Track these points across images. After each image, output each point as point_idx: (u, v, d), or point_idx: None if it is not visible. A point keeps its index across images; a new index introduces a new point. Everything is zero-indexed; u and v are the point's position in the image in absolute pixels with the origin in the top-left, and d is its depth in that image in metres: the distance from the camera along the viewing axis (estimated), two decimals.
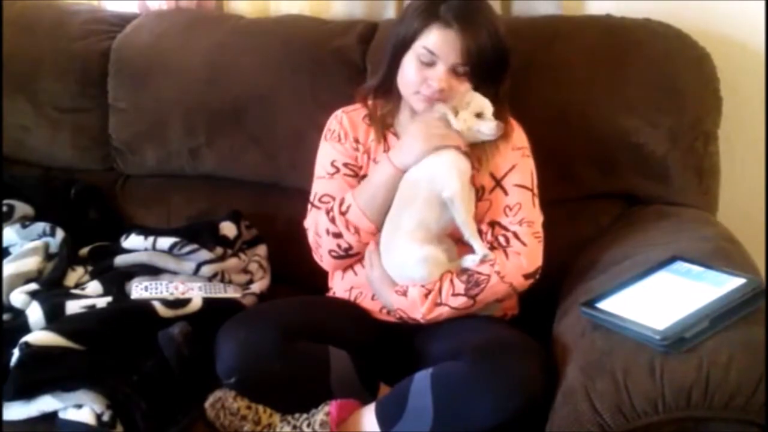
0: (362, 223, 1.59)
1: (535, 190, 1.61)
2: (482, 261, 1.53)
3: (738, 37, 1.93)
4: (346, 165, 1.69)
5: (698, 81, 1.82)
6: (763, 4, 1.88)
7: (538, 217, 1.60)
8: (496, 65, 1.57)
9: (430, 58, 1.55)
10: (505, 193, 1.60)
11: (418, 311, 1.53)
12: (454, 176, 1.53)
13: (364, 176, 1.66)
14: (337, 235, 1.61)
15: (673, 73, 1.81)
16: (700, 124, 1.81)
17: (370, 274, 1.61)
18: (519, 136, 1.64)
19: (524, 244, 1.55)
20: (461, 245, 1.58)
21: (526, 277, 1.55)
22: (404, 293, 1.55)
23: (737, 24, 1.92)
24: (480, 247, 1.55)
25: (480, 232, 1.57)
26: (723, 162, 1.85)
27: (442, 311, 1.52)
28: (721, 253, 1.49)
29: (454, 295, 1.52)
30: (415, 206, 1.55)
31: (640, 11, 1.90)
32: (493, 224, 1.59)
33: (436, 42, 1.54)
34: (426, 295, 1.52)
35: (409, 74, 1.59)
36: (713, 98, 1.83)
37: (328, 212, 1.62)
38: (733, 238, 1.62)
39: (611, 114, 1.81)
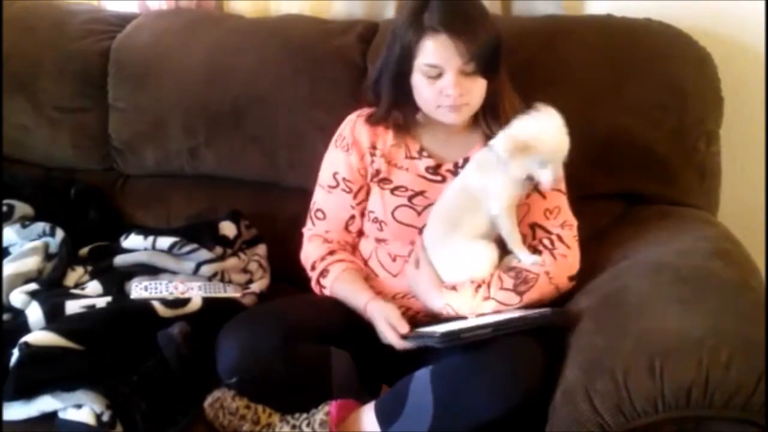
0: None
1: (566, 194, 1.63)
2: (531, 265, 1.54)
3: (738, 37, 1.92)
4: (345, 180, 1.69)
5: (699, 81, 1.81)
6: (763, 4, 1.88)
7: (574, 220, 1.61)
8: (495, 50, 1.55)
9: (435, 70, 1.53)
10: (543, 196, 1.60)
11: (468, 306, 1.52)
12: (505, 200, 1.54)
13: (383, 179, 1.66)
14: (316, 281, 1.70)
15: (674, 72, 1.81)
16: (702, 124, 1.81)
17: (415, 274, 1.59)
18: None
19: (568, 246, 1.57)
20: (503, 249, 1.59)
21: (571, 279, 1.55)
22: (453, 288, 1.54)
23: (737, 24, 1.92)
24: (527, 256, 1.55)
25: (522, 236, 1.57)
26: (723, 162, 1.85)
27: (490, 305, 1.52)
28: (722, 253, 1.48)
29: (502, 289, 1.51)
30: (475, 211, 1.56)
31: (640, 11, 1.90)
32: (533, 227, 1.60)
33: (434, 53, 1.52)
34: (477, 289, 1.52)
35: (424, 93, 1.57)
36: (714, 98, 1.83)
37: (313, 266, 1.71)
38: (733, 238, 1.62)
39: (611, 114, 1.81)
